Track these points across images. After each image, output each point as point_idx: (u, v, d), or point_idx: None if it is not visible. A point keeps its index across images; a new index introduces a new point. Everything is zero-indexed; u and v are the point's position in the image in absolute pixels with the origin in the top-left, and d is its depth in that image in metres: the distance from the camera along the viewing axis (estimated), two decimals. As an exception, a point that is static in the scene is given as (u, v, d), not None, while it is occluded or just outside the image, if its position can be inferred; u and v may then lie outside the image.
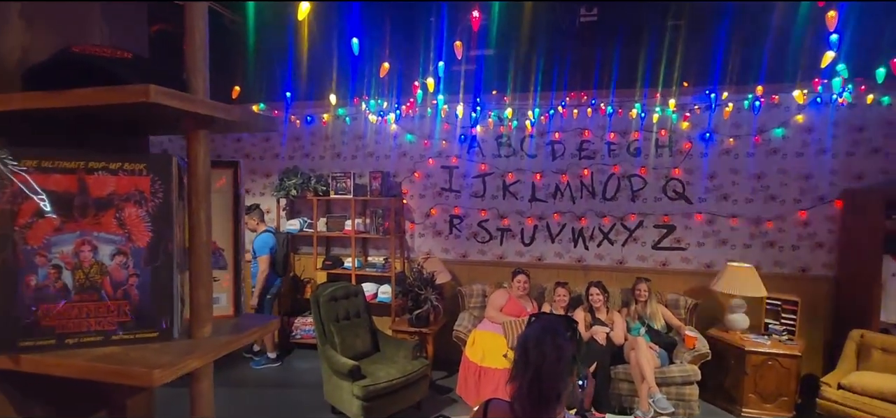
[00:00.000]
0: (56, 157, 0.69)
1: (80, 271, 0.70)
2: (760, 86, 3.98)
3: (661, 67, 4.14)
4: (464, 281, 5.16)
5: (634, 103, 4.61)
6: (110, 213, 0.71)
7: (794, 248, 4.52)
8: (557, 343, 1.39)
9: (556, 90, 4.65)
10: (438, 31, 2.10)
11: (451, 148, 5.20)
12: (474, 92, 4.66)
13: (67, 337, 0.70)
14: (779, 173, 4.51)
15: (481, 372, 4.02)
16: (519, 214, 5.10)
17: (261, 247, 4.82)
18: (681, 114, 4.61)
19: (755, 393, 3.96)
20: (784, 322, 4.20)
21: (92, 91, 0.63)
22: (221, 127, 0.82)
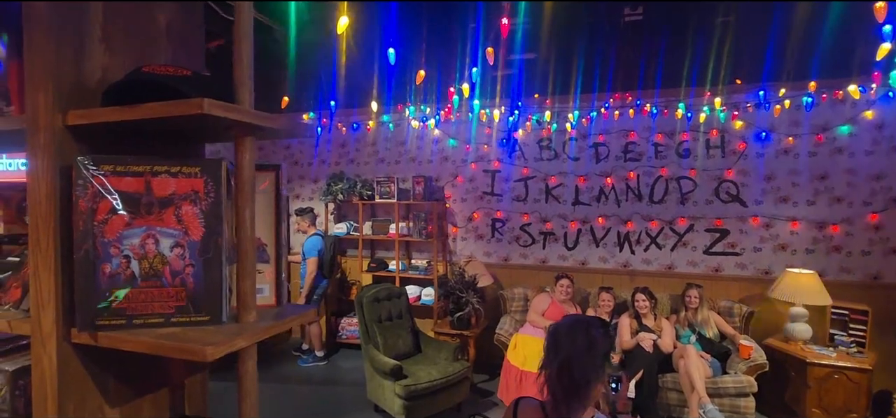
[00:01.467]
0: (128, 163, 0.80)
1: (145, 261, 0.81)
2: (813, 82, 3.74)
3: (711, 65, 4.00)
4: (506, 284, 5.16)
5: (682, 103, 4.46)
6: (170, 211, 0.81)
7: (864, 254, 4.20)
8: (590, 333, 1.40)
9: (599, 91, 4.59)
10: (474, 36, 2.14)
11: (493, 152, 5.23)
12: (513, 96, 4.67)
13: (135, 318, 0.81)
14: (845, 173, 4.22)
15: (522, 375, 4.01)
16: (562, 218, 5.04)
17: (310, 249, 5.04)
18: (733, 112, 4.41)
19: (819, 407, 3.71)
20: (852, 333, 3.91)
21: (158, 105, 0.73)
22: (267, 134, 0.91)
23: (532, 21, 4.28)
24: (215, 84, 0.85)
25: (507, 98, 4.95)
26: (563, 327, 1.47)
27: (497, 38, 2.66)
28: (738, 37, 3.36)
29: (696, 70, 3.94)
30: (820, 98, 4.19)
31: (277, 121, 0.86)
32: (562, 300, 4.48)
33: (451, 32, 2.50)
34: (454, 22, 2.49)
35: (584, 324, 1.44)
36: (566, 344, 1.40)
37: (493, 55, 2.22)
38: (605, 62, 4.05)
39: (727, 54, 3.65)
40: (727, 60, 3.72)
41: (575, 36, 4.20)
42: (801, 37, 3.34)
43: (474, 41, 2.12)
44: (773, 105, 4.26)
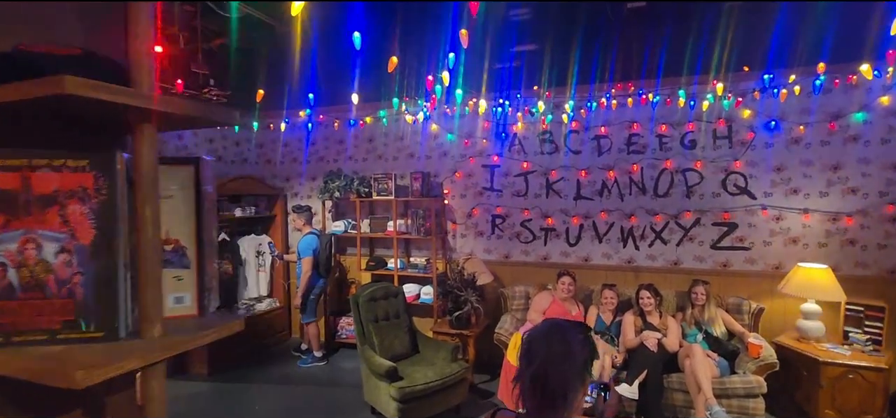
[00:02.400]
0: (0, 156, 0.69)
1: (25, 268, 0.70)
2: (822, 63, 3.53)
3: (717, 51, 3.81)
4: (507, 282, 5.03)
5: (687, 92, 4.28)
6: (54, 210, 0.70)
7: (880, 247, 4.00)
8: (566, 340, 1.27)
9: (600, 82, 4.43)
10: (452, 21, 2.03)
11: (492, 146, 5.09)
12: (501, 87, 4.53)
13: (14, 335, 0.70)
14: (860, 163, 4.02)
15: (523, 376, 3.88)
16: (563, 213, 4.89)
17: (304, 248, 4.97)
18: (738, 100, 4.23)
19: (833, 408, 3.53)
20: (868, 330, 3.72)
21: (10, 86, 0.61)
22: (180, 123, 0.80)
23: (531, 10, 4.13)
24: (112, 65, 0.74)
25: (509, 90, 4.81)
26: (537, 333, 1.34)
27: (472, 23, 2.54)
28: (745, 21, 3.17)
29: (702, 57, 3.75)
30: (832, 84, 3.99)
31: (181, 105, 0.74)
32: (563, 298, 4.35)
33: (429, 19, 2.39)
34: (435, 8, 2.38)
35: (561, 330, 1.31)
36: (540, 351, 1.27)
37: (467, 37, 2.10)
38: (606, 51, 3.88)
39: (734, 40, 3.46)
40: (734, 46, 3.52)
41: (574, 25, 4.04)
42: (811, 19, 3.15)
43: (452, 26, 2.01)
44: (783, 92, 4.06)
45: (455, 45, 2.25)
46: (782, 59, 3.78)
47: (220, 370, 4.90)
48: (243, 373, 4.91)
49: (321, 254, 5.05)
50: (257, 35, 3.57)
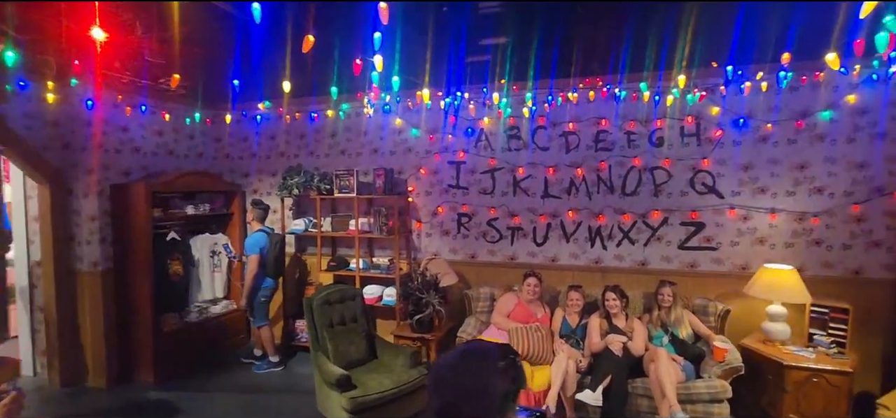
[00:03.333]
0: None
1: None
2: (786, 53, 3.41)
3: (684, 47, 3.69)
4: (472, 283, 4.86)
5: (654, 88, 4.16)
6: None
7: (845, 248, 3.95)
8: (482, 369, 1.08)
9: (566, 76, 4.28)
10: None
11: (458, 142, 4.90)
12: (450, 82, 4.35)
13: None
14: (826, 162, 3.96)
15: (485, 382, 3.71)
16: (531, 212, 4.74)
17: (251, 246, 4.73)
18: (709, 98, 4.13)
19: (797, 413, 3.46)
20: (832, 332, 3.66)
21: None
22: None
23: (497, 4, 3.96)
24: None
25: (475, 84, 4.63)
26: (446, 363, 1.14)
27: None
28: (710, 16, 3.05)
29: (669, 52, 3.63)
30: (799, 81, 3.92)
31: None
32: (529, 300, 4.20)
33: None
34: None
35: (477, 357, 1.12)
36: (448, 384, 1.08)
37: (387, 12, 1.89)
38: (572, 45, 3.73)
39: (699, 35, 3.34)
40: (699, 41, 3.41)
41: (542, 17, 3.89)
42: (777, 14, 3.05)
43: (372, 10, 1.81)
44: (747, 84, 3.96)
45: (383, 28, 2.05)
46: (749, 55, 3.68)
47: (168, 377, 4.60)
48: (194, 381, 4.63)
49: (269, 254, 4.79)
50: (215, 25, 3.31)
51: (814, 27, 2.85)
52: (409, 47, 3.43)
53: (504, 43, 3.73)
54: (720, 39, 3.42)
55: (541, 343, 3.87)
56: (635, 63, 3.90)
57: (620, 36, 3.50)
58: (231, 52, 3.76)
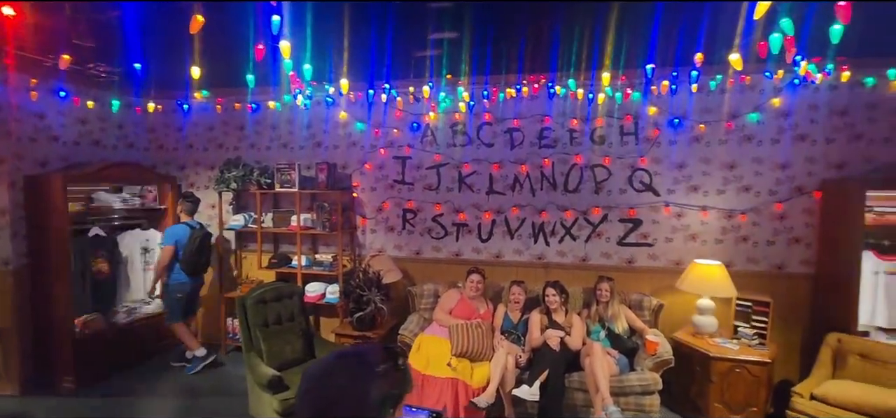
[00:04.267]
0: None
1: None
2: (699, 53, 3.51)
3: (624, 47, 3.76)
4: (418, 280, 4.81)
5: (590, 86, 4.23)
6: None
7: (769, 244, 4.15)
8: (355, 379, 1.01)
9: (509, 73, 4.29)
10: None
11: (404, 137, 4.83)
12: (391, 76, 4.27)
13: None
14: (753, 162, 4.14)
15: (424, 380, 3.67)
16: (476, 208, 4.73)
17: (167, 236, 4.55)
18: (646, 98, 4.24)
19: (722, 402, 3.61)
20: (755, 325, 3.84)
21: None
22: None
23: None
24: None
25: (419, 78, 4.56)
26: (316, 370, 1.08)
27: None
28: (646, 17, 3.12)
29: (598, 50, 3.68)
30: (729, 83, 4.08)
31: None
32: (472, 296, 4.18)
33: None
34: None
35: (351, 364, 1.06)
36: (317, 393, 1.01)
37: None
38: (514, 41, 3.73)
39: (640, 36, 3.41)
40: (635, 42, 3.48)
41: (481, 14, 3.86)
42: (711, 19, 3.15)
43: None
44: (689, 90, 4.09)
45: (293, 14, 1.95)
46: (687, 58, 3.79)
47: (90, 382, 4.31)
48: (118, 385, 4.36)
49: (186, 249, 4.52)
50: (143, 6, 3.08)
51: (732, 31, 2.94)
52: (350, 38, 3.33)
53: (448, 37, 3.68)
54: (654, 41, 3.49)
55: (482, 339, 3.86)
56: (576, 61, 3.94)
57: (560, 34, 3.52)
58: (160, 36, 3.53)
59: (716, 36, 3.12)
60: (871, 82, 3.84)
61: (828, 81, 3.87)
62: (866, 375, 3.26)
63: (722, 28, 2.99)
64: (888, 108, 3.85)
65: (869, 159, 3.92)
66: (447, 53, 3.91)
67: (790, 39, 2.71)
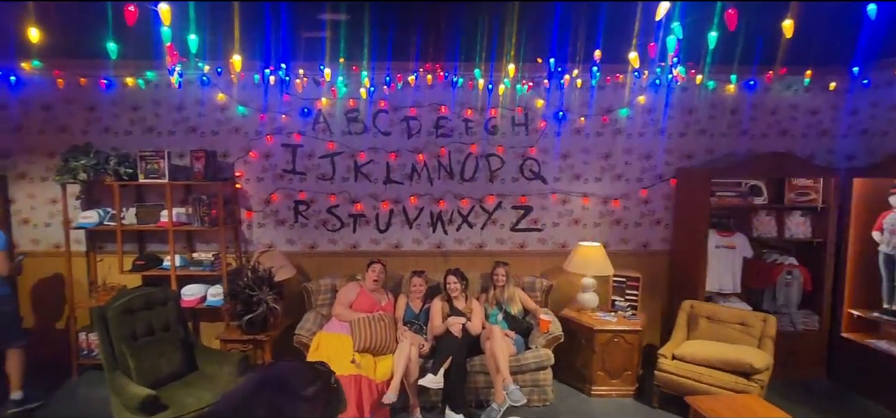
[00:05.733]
0: None
1: None
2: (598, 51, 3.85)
3: (514, 41, 3.92)
4: (313, 275, 4.56)
5: (485, 78, 4.35)
6: None
7: (637, 225, 4.70)
8: (280, 404, 0.90)
9: (404, 60, 4.23)
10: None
11: (294, 123, 4.50)
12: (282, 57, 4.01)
13: None
14: (624, 153, 4.63)
15: (325, 380, 3.50)
16: (373, 198, 4.61)
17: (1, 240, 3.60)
18: (534, 90, 4.49)
19: (603, 370, 4.02)
20: (628, 298, 4.33)
21: None
22: None
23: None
24: None
25: (311, 61, 4.28)
26: (234, 397, 0.94)
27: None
28: (535, 13, 3.28)
29: (496, 44, 3.81)
30: (605, 81, 4.49)
31: None
32: (372, 288, 4.08)
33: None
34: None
35: (274, 388, 0.93)
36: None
37: None
38: (410, 29, 3.67)
39: (526, 32, 3.58)
40: (526, 37, 3.65)
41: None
42: (590, 20, 3.42)
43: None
44: (571, 86, 4.41)
45: None
46: (570, 55, 4.07)
47: None
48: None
49: None
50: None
51: (617, 31, 3.23)
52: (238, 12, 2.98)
53: (341, 19, 3.49)
54: (542, 36, 3.69)
55: (384, 332, 3.79)
56: (470, 52, 4.01)
57: (454, 24, 3.55)
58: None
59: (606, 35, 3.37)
60: (712, 85, 4.51)
61: (681, 84, 4.46)
62: (712, 333, 3.87)
63: (611, 29, 3.24)
64: (725, 108, 4.57)
65: (711, 151, 4.62)
66: (345, 37, 3.72)
67: (653, 45, 3.06)
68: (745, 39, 3.69)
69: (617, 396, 4.00)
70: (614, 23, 3.15)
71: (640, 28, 2.97)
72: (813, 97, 4.57)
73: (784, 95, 4.57)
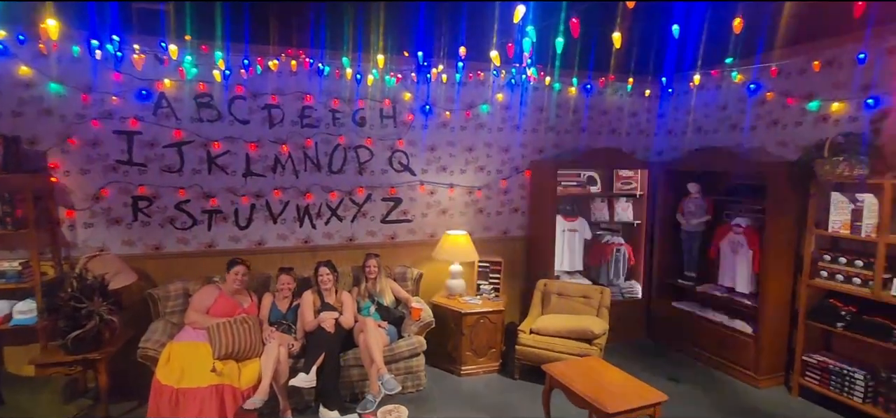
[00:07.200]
0: None
1: None
2: (463, 47, 4.08)
3: (381, 33, 3.93)
4: (161, 279, 4.02)
5: (353, 68, 4.29)
6: None
7: (498, 213, 5.08)
8: None
9: (263, 43, 3.97)
10: None
11: (129, 107, 3.91)
12: (112, 29, 3.53)
13: None
14: (485, 146, 4.96)
15: (179, 395, 3.14)
16: (231, 192, 4.24)
17: None
18: (403, 84, 4.55)
19: (471, 350, 4.28)
20: (491, 281, 4.68)
21: None
22: None
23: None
24: None
25: (150, 36, 3.75)
26: None
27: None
28: (405, 9, 3.34)
29: (363, 36, 3.79)
30: (468, 77, 4.75)
31: None
32: (234, 291, 3.76)
33: None
34: None
35: None
36: None
37: None
38: (266, 8, 3.45)
39: (392, 25, 3.63)
40: (393, 31, 3.70)
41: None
42: (454, 17, 3.59)
43: None
44: (434, 80, 4.57)
45: None
46: (434, 51, 4.22)
47: None
48: None
49: None
50: None
51: (479, 30, 3.44)
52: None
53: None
54: (410, 30, 3.77)
55: (249, 335, 3.53)
56: (336, 40, 3.92)
57: (319, 9, 3.44)
58: None
59: (470, 32, 3.55)
60: (558, 87, 5.07)
61: (533, 84, 4.92)
62: (562, 307, 4.38)
63: (474, 27, 3.43)
64: (568, 108, 5.17)
65: (558, 145, 5.20)
66: (190, 12, 3.34)
67: (511, 45, 3.35)
68: (582, 47, 4.23)
69: (484, 373, 4.31)
70: (477, 21, 3.36)
71: (500, 28, 3.21)
72: (634, 101, 5.42)
73: (613, 99, 5.34)
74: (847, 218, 3.58)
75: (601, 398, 2.83)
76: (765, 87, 4.33)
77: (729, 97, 4.74)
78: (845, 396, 3.60)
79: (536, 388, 3.51)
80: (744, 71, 4.38)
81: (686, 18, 2.96)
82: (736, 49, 4.18)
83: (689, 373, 4.37)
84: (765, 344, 4.06)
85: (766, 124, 4.40)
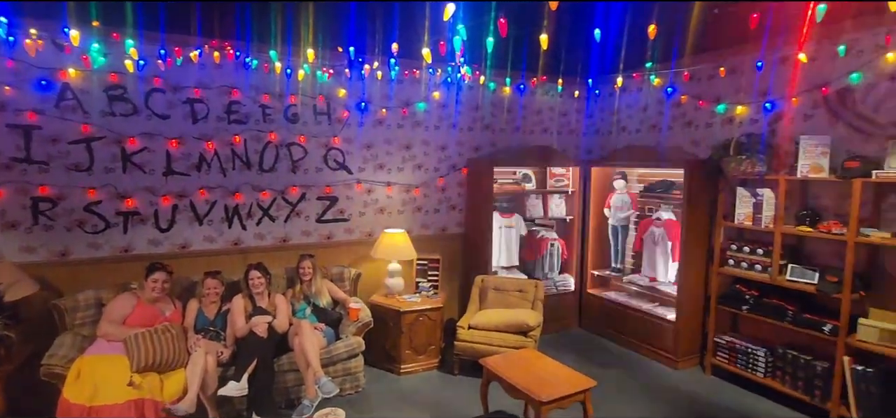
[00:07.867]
0: None
1: None
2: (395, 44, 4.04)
3: (312, 27, 3.82)
4: (68, 289, 3.65)
5: (282, 62, 4.13)
6: None
7: (436, 211, 5.11)
8: None
9: (184, 33, 3.73)
10: None
11: (25, 98, 3.52)
12: None
13: None
14: (422, 144, 4.97)
15: (92, 413, 2.88)
16: (150, 192, 3.94)
17: None
18: (335, 79, 4.45)
19: (410, 348, 4.28)
20: (430, 278, 4.70)
21: None
22: None
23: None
24: None
25: (51, 20, 3.39)
26: None
27: None
28: (331, 5, 3.26)
29: (293, 29, 3.67)
30: (404, 75, 4.73)
31: None
32: (153, 299, 3.50)
33: None
34: None
35: None
36: None
37: None
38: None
39: (323, 18, 3.54)
40: (324, 25, 3.61)
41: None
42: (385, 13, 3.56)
43: None
44: (369, 75, 4.51)
45: None
46: (368, 48, 4.16)
47: None
48: None
49: None
50: None
51: (410, 27, 3.43)
52: None
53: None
54: (341, 24, 3.69)
55: (172, 344, 3.30)
56: (263, 31, 3.75)
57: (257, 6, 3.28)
58: None
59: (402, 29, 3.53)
60: (492, 86, 5.18)
61: (468, 83, 4.99)
62: (499, 302, 4.49)
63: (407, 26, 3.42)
64: (503, 107, 5.30)
65: (494, 143, 5.31)
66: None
67: (443, 44, 3.37)
68: (514, 47, 4.35)
69: (423, 371, 4.32)
70: (408, 18, 3.34)
71: (431, 26, 3.22)
72: (564, 101, 5.65)
73: (544, 99, 5.54)
74: (750, 211, 3.96)
75: (534, 388, 2.93)
76: (680, 90, 4.68)
77: (649, 99, 5.07)
78: (750, 372, 3.98)
79: (475, 382, 3.58)
80: (661, 75, 4.70)
81: (606, 23, 3.13)
82: (653, 54, 4.48)
83: (616, 359, 4.64)
84: (682, 328, 4.39)
85: (682, 125, 4.76)
